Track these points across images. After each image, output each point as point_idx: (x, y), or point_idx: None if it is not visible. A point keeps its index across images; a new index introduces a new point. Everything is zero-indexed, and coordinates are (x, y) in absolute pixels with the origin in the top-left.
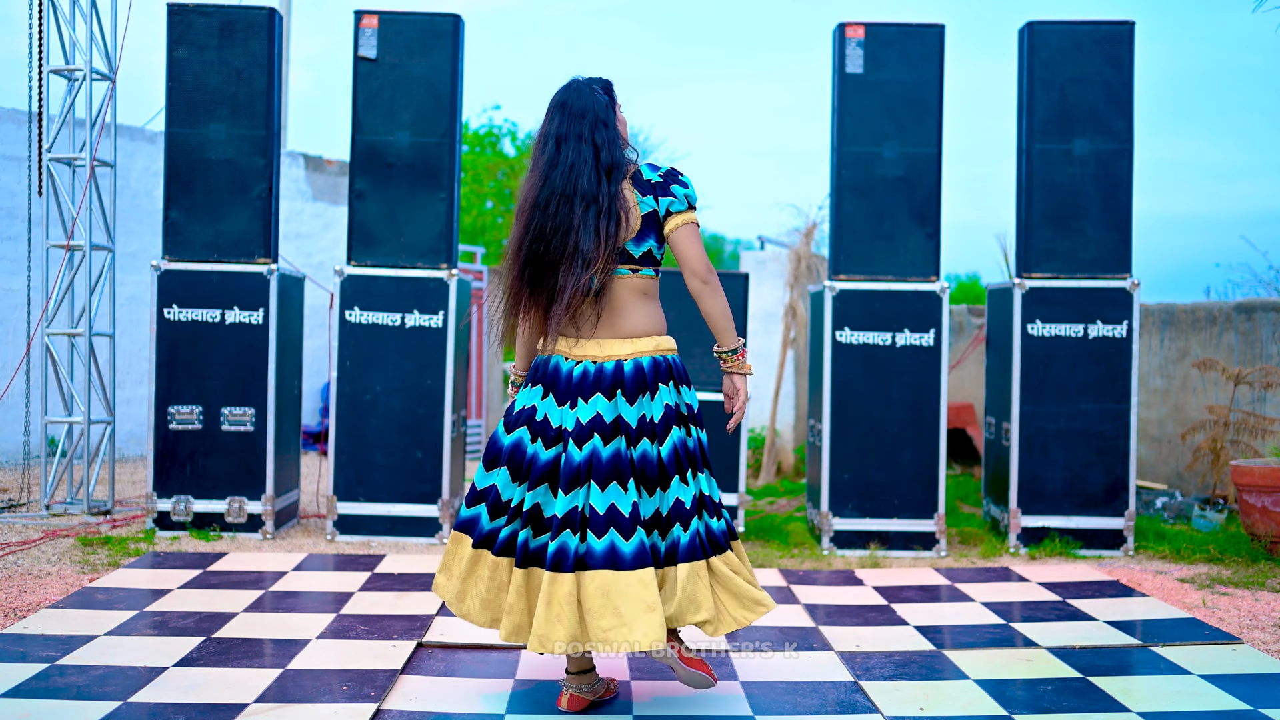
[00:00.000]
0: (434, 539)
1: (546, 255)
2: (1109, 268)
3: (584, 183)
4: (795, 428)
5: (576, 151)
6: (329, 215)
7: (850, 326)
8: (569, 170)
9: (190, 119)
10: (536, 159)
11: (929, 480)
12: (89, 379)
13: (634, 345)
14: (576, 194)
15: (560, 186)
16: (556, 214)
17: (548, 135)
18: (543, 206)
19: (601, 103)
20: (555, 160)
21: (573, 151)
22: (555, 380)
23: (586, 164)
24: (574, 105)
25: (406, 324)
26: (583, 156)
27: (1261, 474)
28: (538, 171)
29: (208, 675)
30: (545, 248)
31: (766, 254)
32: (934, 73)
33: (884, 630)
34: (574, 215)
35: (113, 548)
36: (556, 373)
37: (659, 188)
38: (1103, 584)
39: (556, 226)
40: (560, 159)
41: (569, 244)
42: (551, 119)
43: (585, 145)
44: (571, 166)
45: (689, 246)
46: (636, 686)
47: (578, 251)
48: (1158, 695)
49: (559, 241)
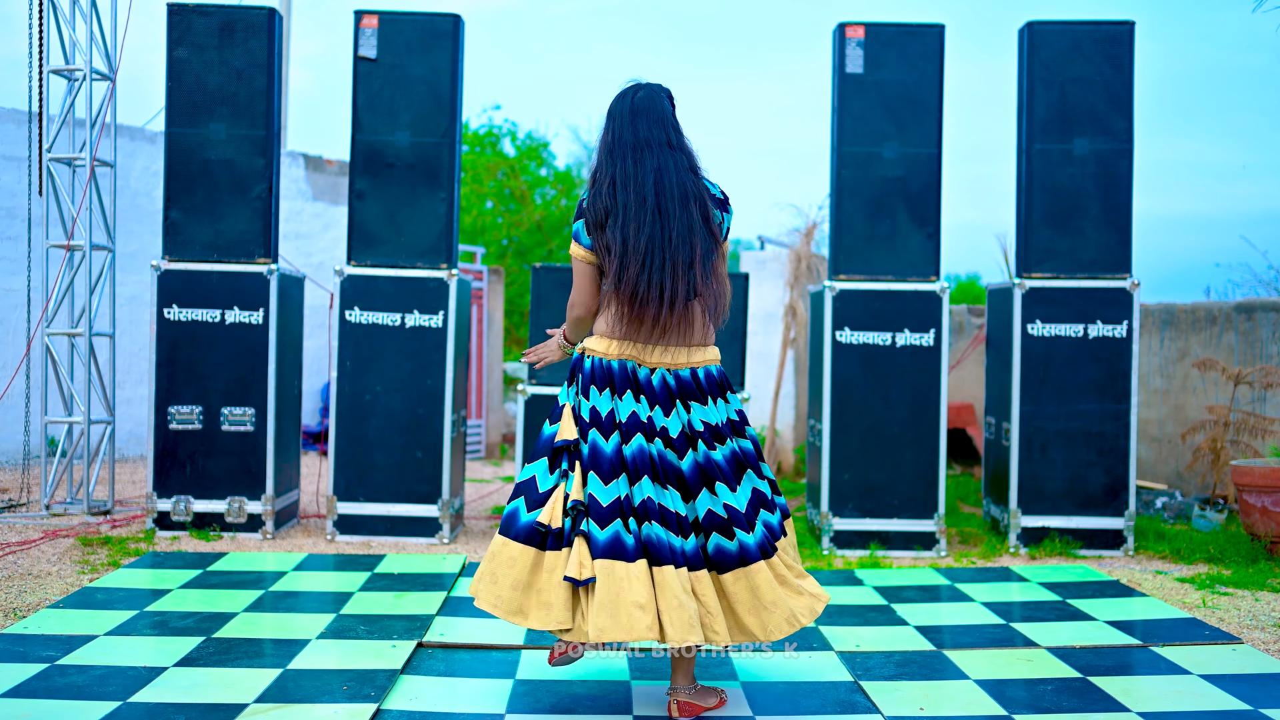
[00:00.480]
0: (434, 539)
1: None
2: (1109, 268)
3: (691, 188)
4: (795, 428)
5: (674, 158)
6: (329, 215)
7: (850, 326)
8: (671, 173)
9: (190, 119)
10: (624, 167)
11: (929, 480)
12: (89, 379)
13: (704, 354)
14: (691, 199)
15: (674, 190)
16: (678, 216)
17: (637, 141)
18: (656, 210)
19: (669, 110)
20: (660, 167)
21: (671, 158)
22: (635, 384)
23: (684, 171)
24: (657, 111)
25: (406, 324)
26: (680, 164)
27: (1261, 474)
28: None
29: (208, 675)
30: (671, 250)
31: (766, 254)
32: (934, 73)
33: (884, 630)
34: (692, 220)
35: (113, 548)
36: (635, 376)
37: (724, 204)
38: (1103, 584)
39: (680, 231)
40: (663, 165)
41: (693, 247)
42: (631, 124)
43: (680, 153)
44: (667, 171)
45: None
46: (636, 687)
47: (696, 253)
48: (1158, 695)
49: (683, 245)
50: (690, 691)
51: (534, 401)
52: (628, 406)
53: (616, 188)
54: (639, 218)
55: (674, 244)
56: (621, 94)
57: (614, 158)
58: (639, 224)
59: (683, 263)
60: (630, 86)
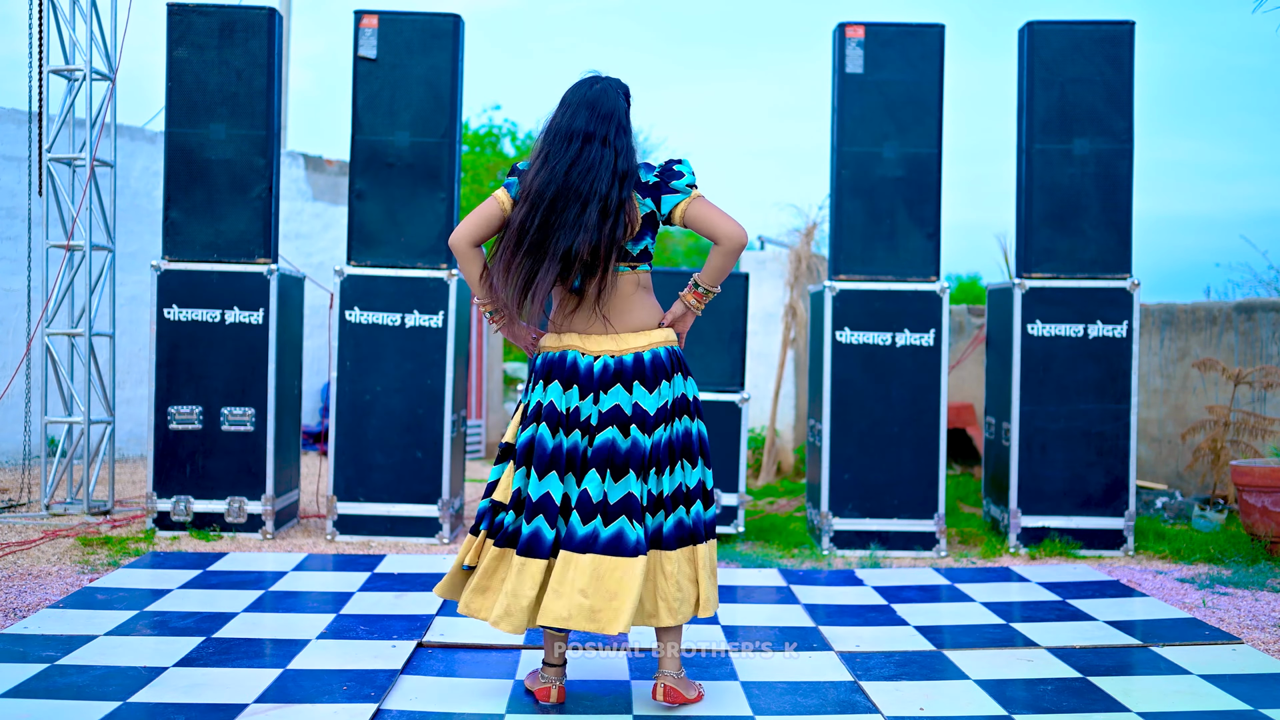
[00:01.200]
0: (434, 539)
1: (543, 248)
2: (1109, 268)
3: (601, 186)
4: (795, 428)
5: (599, 153)
6: (329, 215)
7: (850, 326)
8: (587, 170)
9: (190, 119)
10: (554, 151)
11: (929, 480)
12: (89, 379)
13: (648, 338)
14: (593, 195)
15: (576, 184)
16: (565, 211)
17: (572, 131)
18: (551, 201)
19: (623, 108)
20: (577, 159)
21: (595, 152)
22: (575, 374)
23: (607, 167)
24: (601, 107)
25: (406, 324)
26: (605, 160)
27: (1261, 474)
28: (553, 165)
29: (207, 675)
30: (544, 240)
31: (766, 254)
32: (934, 73)
33: (884, 630)
34: (584, 215)
35: (113, 548)
36: (575, 367)
37: (656, 188)
38: (1103, 584)
39: (562, 223)
40: (581, 158)
41: (572, 241)
42: (576, 114)
43: (608, 149)
44: (591, 167)
45: (709, 215)
46: (636, 687)
47: (572, 250)
48: (1158, 695)
49: (562, 237)
50: (676, 679)
51: None
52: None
53: (535, 172)
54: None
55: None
56: (577, 84)
57: (544, 140)
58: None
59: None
60: (589, 78)
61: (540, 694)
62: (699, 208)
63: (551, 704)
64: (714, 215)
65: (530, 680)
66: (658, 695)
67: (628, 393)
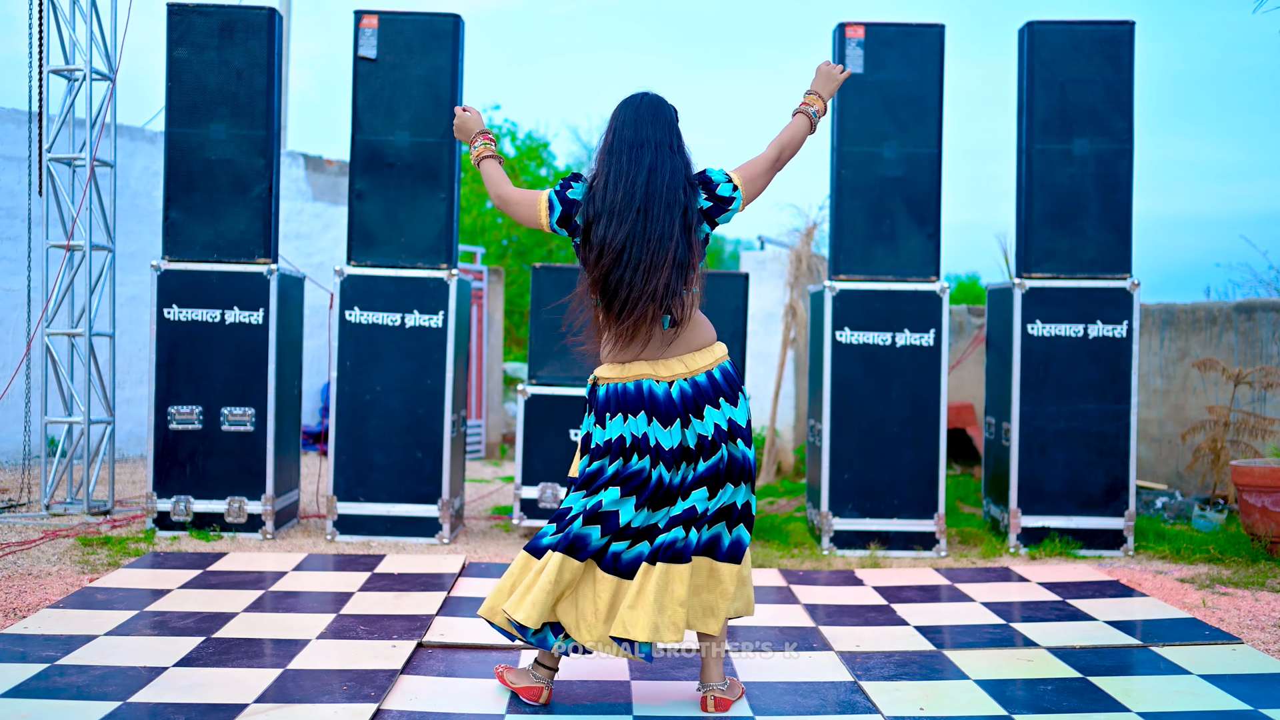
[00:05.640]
0: (434, 539)
1: (644, 260)
2: (1109, 268)
3: (681, 195)
4: (795, 428)
5: (673, 161)
6: (329, 215)
7: (850, 326)
8: (670, 176)
9: (190, 119)
10: (633, 158)
11: (929, 480)
12: (89, 379)
13: (713, 354)
14: (677, 203)
15: (664, 193)
16: (661, 219)
17: (643, 140)
18: (643, 210)
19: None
20: (656, 165)
21: (669, 161)
22: (655, 404)
23: (679, 175)
24: (664, 116)
25: (406, 324)
26: (678, 167)
27: (1261, 474)
28: (632, 174)
29: (208, 675)
30: (649, 251)
31: (766, 254)
32: (934, 73)
33: (884, 630)
34: (675, 224)
35: (113, 548)
36: (653, 396)
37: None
38: (1103, 584)
39: (661, 233)
40: (659, 165)
41: (668, 252)
42: (640, 125)
43: (679, 157)
44: (672, 174)
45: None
46: (636, 687)
47: (668, 258)
48: (1158, 695)
49: (660, 247)
50: (724, 689)
51: (534, 402)
52: (639, 427)
53: (609, 186)
54: (623, 214)
55: (651, 245)
56: (627, 99)
57: (611, 155)
58: (621, 220)
59: (656, 264)
60: (638, 93)
61: (529, 693)
62: (746, 171)
63: (540, 704)
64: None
65: (515, 677)
66: (708, 708)
67: (716, 409)
